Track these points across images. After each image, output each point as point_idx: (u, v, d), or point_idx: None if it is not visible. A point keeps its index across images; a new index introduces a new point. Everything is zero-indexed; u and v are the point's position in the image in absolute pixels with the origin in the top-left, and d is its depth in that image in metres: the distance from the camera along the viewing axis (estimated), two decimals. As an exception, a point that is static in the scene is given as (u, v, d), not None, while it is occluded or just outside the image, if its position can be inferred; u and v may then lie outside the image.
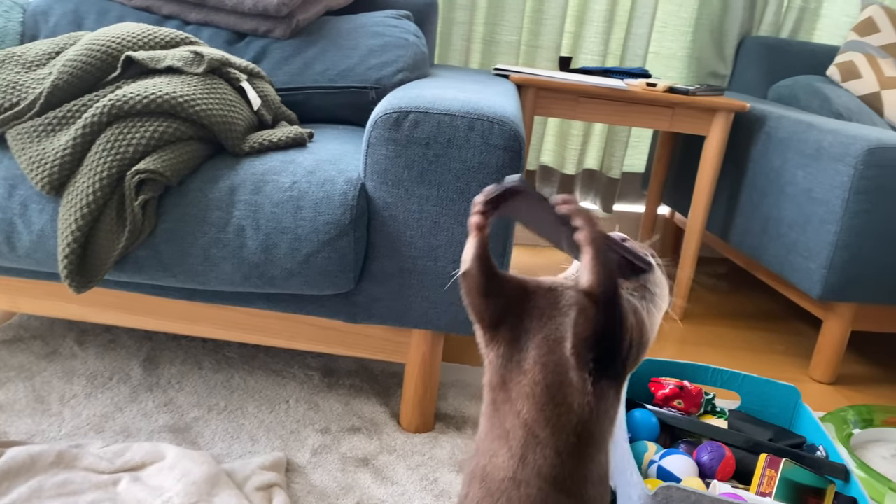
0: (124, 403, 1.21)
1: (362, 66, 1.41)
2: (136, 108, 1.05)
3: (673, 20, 2.39)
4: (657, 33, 2.38)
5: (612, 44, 2.32)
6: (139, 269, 1.09)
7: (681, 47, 2.42)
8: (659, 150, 2.32)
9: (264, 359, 1.42)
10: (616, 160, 2.41)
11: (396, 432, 1.23)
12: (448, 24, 2.15)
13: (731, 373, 1.24)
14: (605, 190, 2.45)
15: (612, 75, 1.96)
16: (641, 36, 2.26)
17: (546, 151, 2.41)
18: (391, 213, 1.10)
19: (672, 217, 2.48)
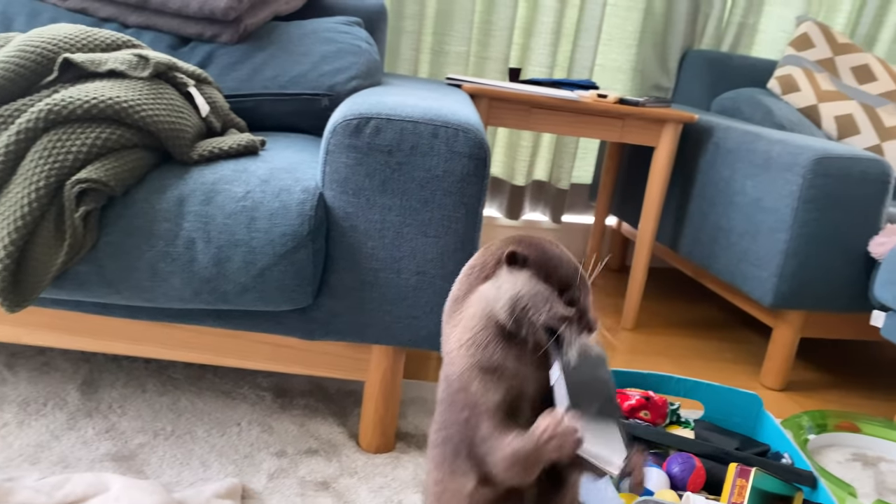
0: (61, 431, 1.13)
1: (314, 72, 1.37)
2: (75, 114, 0.98)
3: (618, 33, 2.43)
4: (603, 46, 2.41)
5: (560, 56, 2.34)
6: (80, 286, 1.02)
7: (626, 60, 2.46)
8: (607, 161, 2.34)
9: (212, 379, 1.35)
10: (564, 171, 2.42)
11: (356, 453, 1.18)
12: (396, 34, 2.13)
13: (695, 382, 1.24)
14: (553, 201, 2.45)
15: (561, 87, 1.97)
16: (588, 48, 2.28)
17: (496, 163, 2.41)
18: (352, 223, 1.06)
19: (619, 228, 2.50)
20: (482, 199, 1.08)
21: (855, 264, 1.57)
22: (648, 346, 1.87)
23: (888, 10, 2.50)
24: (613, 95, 1.84)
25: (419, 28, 2.13)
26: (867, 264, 1.57)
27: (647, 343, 1.89)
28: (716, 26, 2.38)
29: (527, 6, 2.26)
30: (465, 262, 1.09)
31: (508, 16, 2.19)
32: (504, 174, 2.41)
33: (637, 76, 2.46)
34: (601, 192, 2.37)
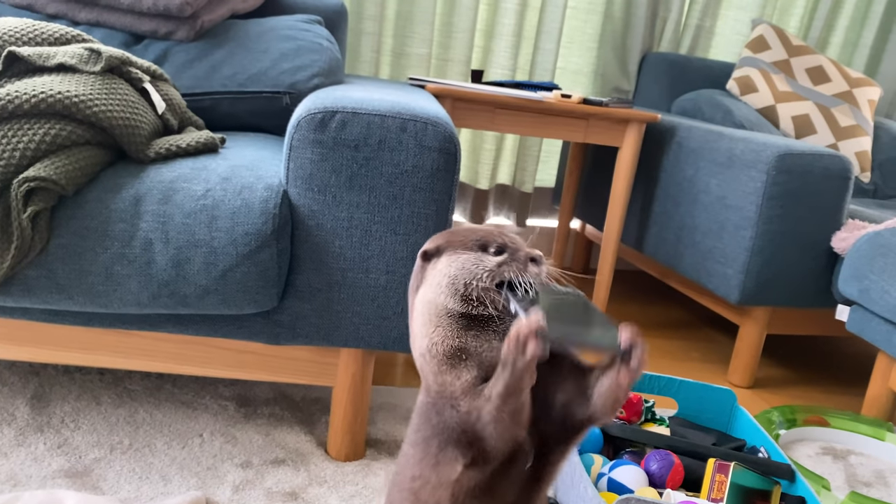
0: (9, 448, 1.06)
1: (274, 70, 1.33)
2: (22, 109, 0.93)
3: (579, 36, 2.44)
4: (564, 49, 2.42)
5: (521, 58, 2.34)
6: (28, 292, 0.96)
7: (587, 63, 2.47)
8: (570, 163, 2.35)
9: (171, 390, 1.30)
10: (528, 174, 2.41)
11: (325, 462, 1.14)
12: (356, 36, 2.10)
13: (668, 379, 1.23)
14: (518, 205, 2.45)
15: (523, 88, 1.96)
16: (549, 51, 2.29)
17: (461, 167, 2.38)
18: (317, 221, 1.03)
19: (583, 231, 2.51)
20: (453, 195, 1.06)
21: (818, 260, 1.59)
22: (616, 347, 1.86)
23: (838, 13, 2.57)
24: (577, 96, 1.84)
25: (379, 30, 2.11)
26: (830, 260, 1.59)
27: (615, 344, 1.89)
28: (674, 29, 2.41)
29: (487, 9, 2.26)
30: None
31: (469, 18, 2.18)
32: (468, 178, 2.40)
33: (598, 79, 2.48)
34: (565, 195, 2.37)
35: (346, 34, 1.80)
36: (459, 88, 1.73)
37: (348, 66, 2.12)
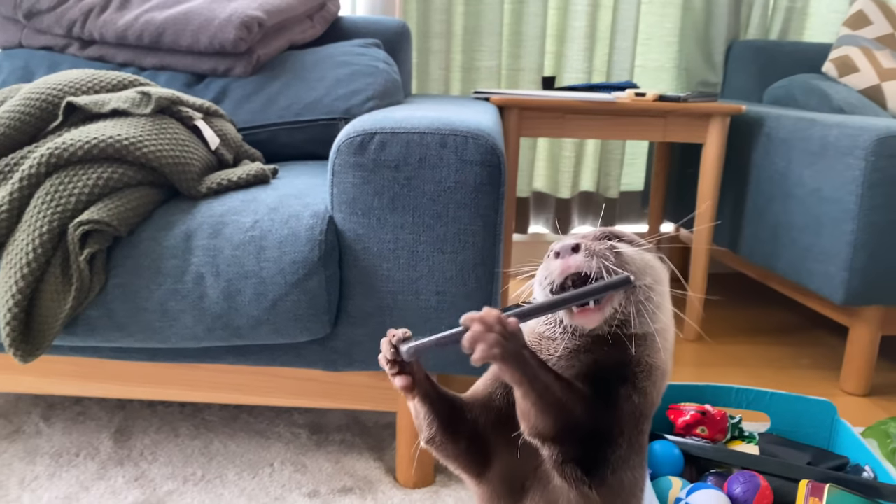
0: (90, 482, 1.11)
1: (329, 96, 1.34)
2: (76, 156, 0.97)
3: (657, 31, 2.33)
4: (642, 46, 2.32)
5: (597, 60, 2.26)
6: (92, 332, 1.00)
7: (668, 59, 2.36)
8: (656, 165, 2.23)
9: (247, 419, 1.32)
10: (612, 179, 2.32)
11: (393, 489, 1.11)
12: (424, 55, 2.09)
13: (757, 391, 1.13)
14: (604, 212, 2.35)
15: (599, 90, 1.89)
16: (625, 50, 2.20)
17: (538, 177, 2.33)
18: (364, 245, 1.01)
19: (677, 234, 2.38)
20: (500, 210, 1.01)
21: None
22: (714, 358, 1.74)
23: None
24: (652, 93, 1.75)
25: (447, 47, 2.09)
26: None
27: (712, 354, 1.77)
28: (761, 14, 2.26)
29: (557, 13, 2.20)
30: (487, 279, 1.03)
31: (538, 24, 2.13)
32: (548, 188, 2.33)
33: (682, 74, 2.35)
34: (653, 198, 2.26)
35: (411, 54, 1.80)
36: (525, 97, 1.68)
37: (418, 86, 2.12)
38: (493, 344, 0.51)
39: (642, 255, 0.62)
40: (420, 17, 2.08)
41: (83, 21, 1.37)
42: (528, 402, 0.55)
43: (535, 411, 0.56)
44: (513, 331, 0.52)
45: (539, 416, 0.56)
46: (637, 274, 0.60)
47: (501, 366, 0.52)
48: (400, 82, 1.49)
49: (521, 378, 0.53)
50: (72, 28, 1.38)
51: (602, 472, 0.58)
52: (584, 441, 0.57)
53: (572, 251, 0.60)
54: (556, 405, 0.56)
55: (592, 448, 0.58)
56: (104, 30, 1.36)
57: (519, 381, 0.54)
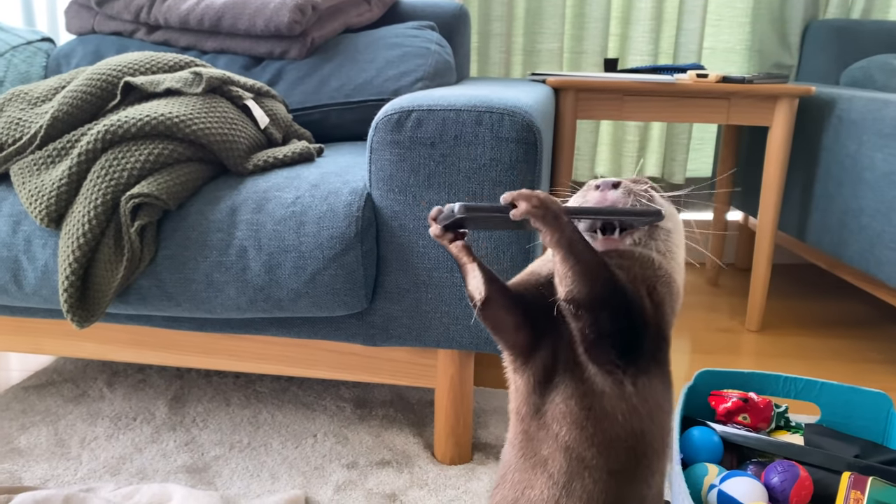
0: (144, 444, 1.16)
1: (379, 78, 1.35)
2: (130, 132, 1.01)
3: (728, 12, 2.24)
4: (711, 27, 2.23)
5: (663, 42, 2.19)
6: (143, 301, 1.05)
7: (739, 40, 2.26)
8: (722, 149, 2.15)
9: (295, 392, 1.35)
10: (678, 165, 2.25)
11: (429, 465, 1.13)
12: (485, 38, 2.08)
13: (807, 381, 1.08)
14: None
15: (663, 73, 1.83)
16: (693, 31, 2.12)
17: (601, 161, 2.29)
18: (400, 222, 1.02)
19: (745, 222, 2.29)
20: (536, 187, 1.00)
21: None
22: (777, 349, 1.67)
23: None
24: (715, 74, 1.69)
25: (508, 30, 2.07)
26: None
27: (775, 345, 1.70)
28: (842, -9, 2.14)
29: (622, -6, 2.15)
30: (522, 256, 1.02)
31: (602, 6, 2.08)
32: (611, 173, 2.28)
33: (754, 56, 2.25)
34: (719, 184, 2.18)
35: (468, 37, 1.79)
36: (581, 78, 1.65)
37: (479, 69, 2.11)
38: (537, 203, 0.55)
39: (671, 204, 0.69)
40: (481, 0, 2.07)
41: (149, 6, 1.43)
42: (566, 265, 0.57)
43: (572, 274, 0.58)
44: (552, 203, 0.57)
45: (574, 278, 0.58)
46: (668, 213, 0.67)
47: (542, 225, 0.56)
48: (452, 64, 1.49)
49: (560, 238, 0.57)
50: (139, 13, 1.45)
51: (635, 357, 0.60)
52: (617, 316, 0.59)
53: (612, 187, 0.65)
54: (592, 270, 0.58)
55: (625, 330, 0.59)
56: (168, 15, 1.41)
57: (557, 241, 0.57)
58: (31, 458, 1.12)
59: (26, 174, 1.05)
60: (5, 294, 1.08)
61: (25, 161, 1.06)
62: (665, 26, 2.18)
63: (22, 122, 1.10)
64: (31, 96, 1.15)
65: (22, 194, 1.03)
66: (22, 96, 1.15)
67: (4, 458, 1.11)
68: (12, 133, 1.09)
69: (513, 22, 2.10)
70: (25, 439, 1.17)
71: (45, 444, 1.16)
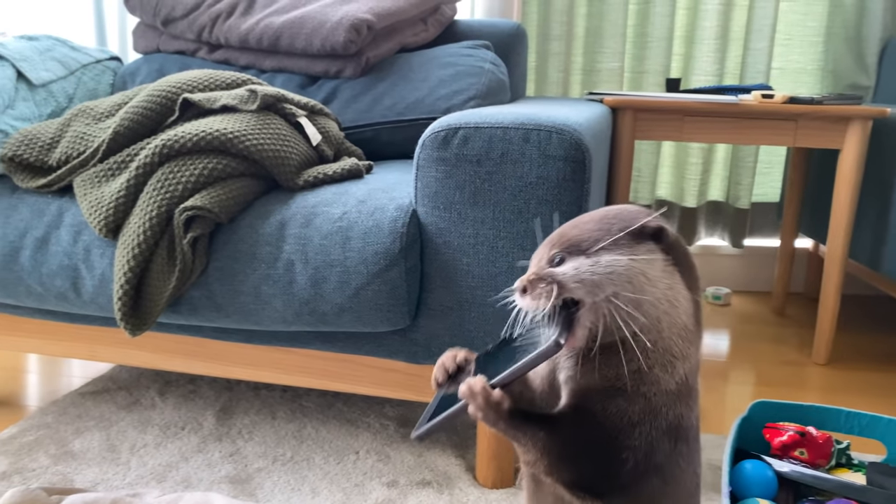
0: (191, 453, 1.20)
1: (431, 96, 1.38)
2: (186, 147, 1.07)
3: (799, 31, 2.19)
4: (781, 47, 2.19)
5: (729, 62, 2.16)
6: (194, 311, 1.09)
7: (811, 60, 2.21)
8: (791, 173, 2.10)
9: (341, 408, 1.38)
10: (744, 189, 2.20)
11: (470, 487, 1.13)
12: (543, 57, 2.10)
13: (871, 416, 1.04)
14: (733, 223, 2.24)
15: (727, 94, 1.81)
16: (761, 51, 2.09)
17: (662, 184, 2.26)
18: (444, 239, 1.03)
19: (816, 249, 2.22)
20: (584, 207, 1.00)
21: None
22: (845, 384, 1.61)
23: None
24: (781, 95, 1.65)
25: (567, 49, 2.08)
26: None
27: (843, 380, 1.64)
28: (923, 9, 2.07)
29: (686, 13, 2.13)
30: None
31: (665, 25, 2.07)
32: (673, 195, 2.25)
33: (827, 77, 2.20)
34: (787, 209, 2.12)
35: (525, 56, 1.81)
36: (639, 98, 1.65)
37: (536, 89, 2.12)
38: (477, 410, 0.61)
39: (595, 268, 0.59)
40: (540, 19, 2.09)
41: (211, 26, 1.50)
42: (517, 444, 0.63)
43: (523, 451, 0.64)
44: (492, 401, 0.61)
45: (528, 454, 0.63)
46: (591, 291, 0.59)
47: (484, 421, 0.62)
48: (506, 83, 1.51)
49: (505, 433, 0.63)
50: (201, 33, 1.52)
51: (611, 486, 0.61)
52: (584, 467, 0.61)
53: (522, 293, 0.62)
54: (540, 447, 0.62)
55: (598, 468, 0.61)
56: (229, 34, 1.48)
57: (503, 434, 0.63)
58: (84, 461, 1.17)
59: (88, 186, 1.11)
60: (65, 301, 1.14)
61: (88, 173, 1.12)
62: (731, 45, 2.15)
63: (86, 137, 1.17)
64: (96, 112, 1.22)
65: (83, 205, 1.10)
66: (88, 112, 1.22)
67: (59, 461, 1.17)
68: (77, 147, 1.16)
69: (572, 41, 2.11)
70: (79, 443, 1.23)
71: (97, 449, 1.21)
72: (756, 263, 2.32)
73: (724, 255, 2.32)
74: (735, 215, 2.23)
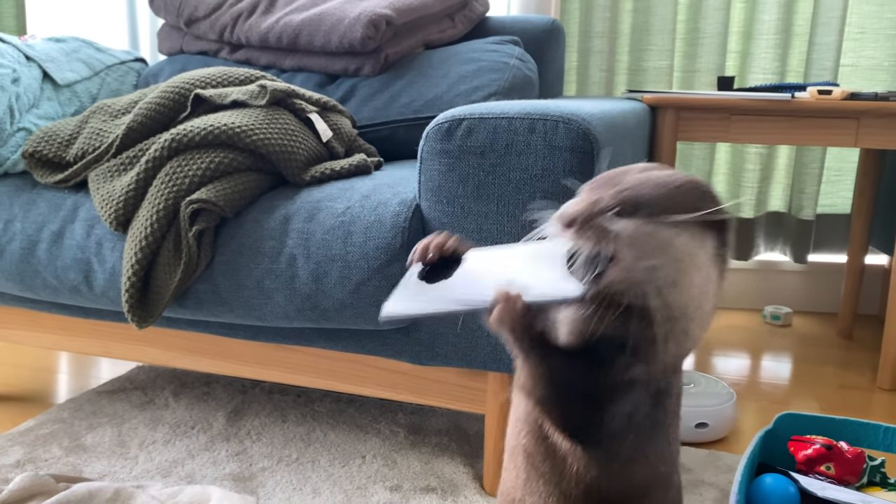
0: (197, 451, 1.29)
1: (450, 93, 1.44)
2: (194, 141, 1.16)
3: (872, 24, 2.17)
4: (852, 41, 2.18)
5: (792, 59, 2.16)
6: (199, 305, 1.17)
7: (888, 56, 2.19)
8: (860, 179, 2.07)
9: (352, 414, 1.44)
10: (808, 198, 2.19)
11: (476, 495, 1.17)
12: (584, 56, 2.14)
13: (905, 430, 1.04)
14: (795, 236, 2.22)
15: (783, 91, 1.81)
16: (828, 46, 2.08)
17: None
18: (447, 234, 1.09)
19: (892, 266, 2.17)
20: (591, 201, 1.04)
21: None
22: (912, 407, 1.59)
23: None
24: (840, 91, 1.65)
25: (610, 47, 2.12)
26: None
27: (910, 403, 1.61)
28: None
29: (744, 6, 2.14)
30: (574, 274, 1.06)
31: (719, 20, 2.09)
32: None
33: (905, 74, 2.17)
34: (855, 221, 2.09)
35: (561, 53, 1.86)
36: (682, 96, 1.67)
37: (578, 89, 2.17)
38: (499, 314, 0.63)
39: (653, 234, 0.62)
40: (582, 16, 2.13)
41: (232, 26, 1.61)
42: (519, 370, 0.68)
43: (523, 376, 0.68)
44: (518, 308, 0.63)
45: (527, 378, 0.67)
46: (636, 256, 0.62)
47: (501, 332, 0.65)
48: (533, 80, 1.56)
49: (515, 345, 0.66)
50: (223, 33, 1.63)
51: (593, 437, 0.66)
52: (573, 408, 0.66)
53: (567, 227, 0.63)
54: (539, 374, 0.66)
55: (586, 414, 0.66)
56: (249, 33, 1.58)
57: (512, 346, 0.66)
58: (94, 454, 1.27)
59: (101, 180, 1.21)
60: (78, 294, 1.24)
61: (101, 168, 1.23)
62: (794, 41, 2.15)
63: (102, 133, 1.27)
64: (112, 109, 1.33)
65: (96, 199, 1.20)
66: (105, 109, 1.33)
67: (71, 453, 1.27)
68: (92, 142, 1.27)
69: (616, 39, 2.15)
70: (91, 437, 1.33)
71: (107, 444, 1.31)
72: (821, 281, 2.29)
73: (786, 271, 2.29)
74: (798, 227, 2.21)
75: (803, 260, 2.23)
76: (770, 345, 1.99)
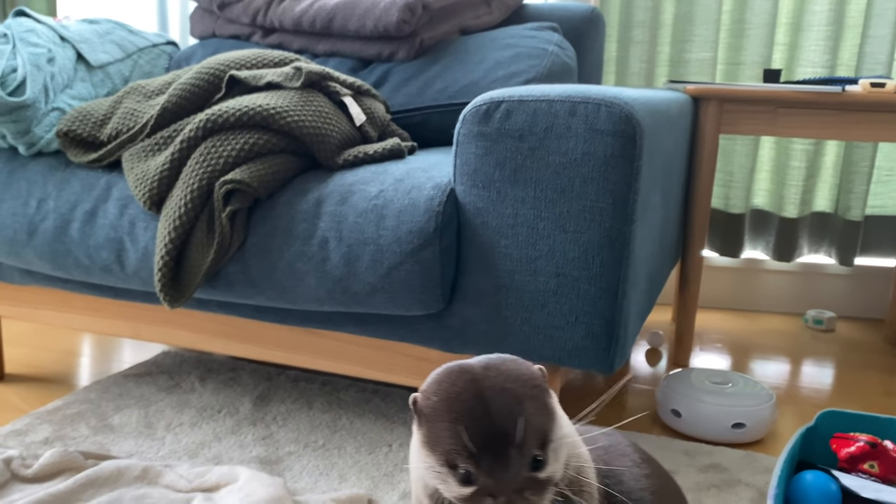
0: (224, 434, 1.32)
1: (486, 79, 1.47)
2: (229, 122, 1.19)
3: (928, 17, 2.16)
4: (906, 35, 2.16)
5: (844, 52, 2.15)
6: (230, 287, 1.21)
7: (943, 50, 2.17)
8: (912, 178, 2.07)
9: (378, 403, 1.47)
10: (856, 198, 2.18)
11: (506, 486, 1.19)
12: (624, 46, 2.16)
13: (951, 430, 1.04)
14: (841, 238, 2.21)
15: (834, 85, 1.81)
16: (883, 38, 2.07)
17: (758, 192, 2.26)
18: (483, 220, 1.11)
19: (943, 268, 2.16)
20: (634, 186, 1.06)
21: None
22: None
23: None
24: (895, 83, 1.65)
25: (651, 37, 2.14)
26: None
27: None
28: None
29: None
30: (614, 263, 1.08)
31: (767, 10, 2.09)
32: (770, 205, 2.25)
33: (965, 69, 2.16)
34: (906, 220, 2.09)
35: (601, 42, 1.87)
36: (725, 87, 1.68)
37: (616, 80, 2.18)
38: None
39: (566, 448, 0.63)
40: (622, 5, 2.15)
41: (266, 9, 1.65)
42: None
43: None
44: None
45: None
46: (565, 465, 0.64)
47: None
48: (572, 67, 1.58)
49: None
50: (256, 16, 1.67)
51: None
52: None
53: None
54: None
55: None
56: (283, 17, 1.62)
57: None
58: (121, 434, 1.31)
59: (135, 160, 1.25)
60: (109, 274, 1.29)
61: (136, 148, 1.27)
62: (847, 33, 2.14)
63: (136, 113, 1.32)
64: (147, 90, 1.37)
65: (129, 179, 1.24)
66: (139, 89, 1.38)
67: (98, 432, 1.32)
68: (127, 122, 1.31)
69: (658, 29, 2.16)
70: (118, 418, 1.37)
71: (134, 425, 1.35)
72: (867, 285, 2.28)
73: (830, 274, 2.29)
74: (844, 229, 2.21)
75: (849, 263, 2.22)
76: (812, 350, 1.99)
